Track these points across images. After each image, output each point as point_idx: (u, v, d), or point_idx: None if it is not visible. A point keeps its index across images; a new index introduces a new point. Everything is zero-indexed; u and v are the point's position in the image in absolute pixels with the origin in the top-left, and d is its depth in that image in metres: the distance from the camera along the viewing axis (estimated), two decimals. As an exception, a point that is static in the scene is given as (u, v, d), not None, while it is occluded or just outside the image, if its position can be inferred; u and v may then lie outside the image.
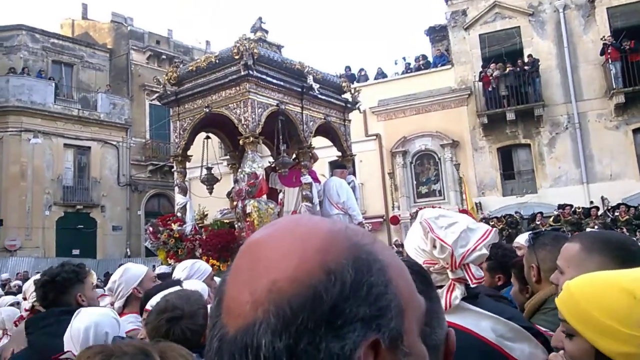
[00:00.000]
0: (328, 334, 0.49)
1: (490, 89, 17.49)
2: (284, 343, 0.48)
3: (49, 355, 2.06)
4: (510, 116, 17.16)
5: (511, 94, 17.23)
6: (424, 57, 20.38)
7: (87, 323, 2.07)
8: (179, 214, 8.28)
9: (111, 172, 24.26)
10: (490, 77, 17.46)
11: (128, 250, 23.55)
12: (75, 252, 21.81)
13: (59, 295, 2.65)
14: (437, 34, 21.33)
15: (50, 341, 2.25)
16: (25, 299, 3.76)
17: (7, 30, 23.25)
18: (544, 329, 1.64)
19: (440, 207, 16.88)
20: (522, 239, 3.65)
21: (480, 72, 17.82)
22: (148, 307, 2.37)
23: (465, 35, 18.72)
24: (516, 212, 16.01)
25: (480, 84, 17.74)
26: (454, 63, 18.83)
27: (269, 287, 0.51)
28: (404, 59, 21.03)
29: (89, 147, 23.64)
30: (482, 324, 1.47)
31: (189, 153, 8.54)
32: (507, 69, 17.34)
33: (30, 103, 21.66)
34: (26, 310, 3.53)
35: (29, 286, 3.58)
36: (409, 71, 20.05)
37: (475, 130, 18.06)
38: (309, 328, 0.49)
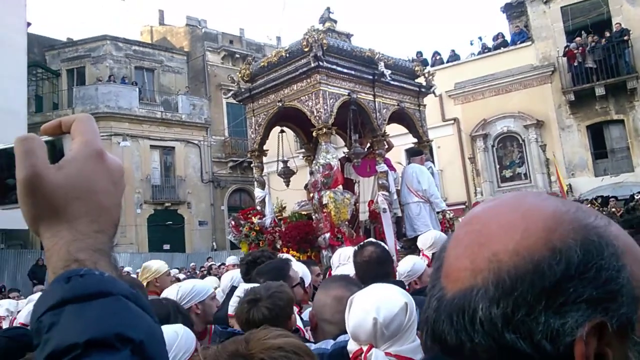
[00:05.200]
0: (548, 309, 0.50)
1: (575, 63, 16.39)
2: (500, 310, 0.51)
3: None
4: (600, 91, 15.99)
5: (600, 68, 16.05)
6: (502, 35, 19.46)
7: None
8: (258, 208, 8.44)
9: (194, 170, 25.29)
10: (576, 52, 16.35)
11: (214, 244, 24.49)
12: (166, 247, 22.99)
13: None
14: (515, 10, 20.26)
15: None
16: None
17: (94, 42, 24.81)
18: None
19: (526, 191, 16.10)
20: None
21: (565, 47, 16.72)
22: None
23: (545, 9, 17.64)
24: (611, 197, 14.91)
25: (565, 59, 16.67)
26: (535, 39, 17.80)
27: (489, 257, 0.54)
28: (479, 38, 20.27)
29: (173, 147, 24.76)
30: None
31: (265, 148, 8.68)
32: (594, 41, 16.14)
33: (117, 108, 23.00)
34: None
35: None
36: (485, 51, 19.22)
37: (562, 109, 17.01)
38: (528, 300, 0.51)
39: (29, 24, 19.69)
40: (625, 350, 0.52)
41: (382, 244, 3.55)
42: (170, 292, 3.00)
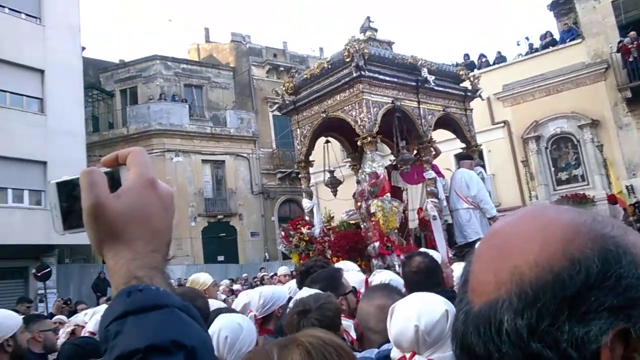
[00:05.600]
0: (572, 318, 0.52)
1: (631, 59, 15.69)
2: (525, 321, 0.53)
3: None
4: (659, 86, 15.23)
5: (658, 62, 15.29)
6: (550, 33, 18.89)
7: (214, 328, 2.21)
8: (307, 218, 8.50)
9: (244, 183, 25.75)
10: (630, 46, 15.65)
11: (266, 254, 24.79)
12: (220, 258, 23.47)
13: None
14: (562, 7, 19.66)
15: None
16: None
17: (144, 62, 25.77)
18: None
19: (584, 194, 15.47)
20: None
21: (618, 42, 16.05)
22: None
23: (595, 4, 17.00)
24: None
25: (619, 55, 15.98)
26: (585, 36, 17.18)
27: (511, 270, 0.56)
28: (526, 39, 19.72)
29: (223, 161, 25.32)
30: None
31: (311, 158, 8.75)
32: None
33: (169, 125, 23.76)
34: None
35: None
36: (533, 51, 18.70)
37: (618, 107, 16.29)
38: (551, 310, 0.52)
39: (83, 48, 20.65)
40: None
41: (431, 253, 3.51)
42: (253, 297, 3.08)
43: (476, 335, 0.57)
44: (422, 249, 5.06)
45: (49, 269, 15.67)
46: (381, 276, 3.81)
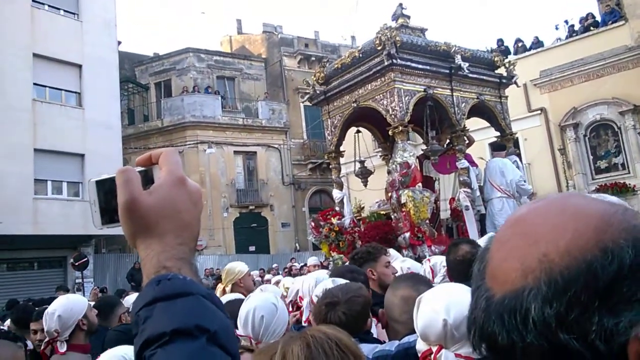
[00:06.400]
0: (602, 309, 0.50)
1: (677, 40, 14.99)
2: (554, 310, 0.51)
3: None
4: None
5: None
6: (592, 15, 18.19)
7: (249, 307, 2.19)
8: (337, 208, 8.46)
9: (276, 173, 25.87)
10: (677, 27, 14.96)
11: (297, 245, 24.92)
12: (252, 248, 23.71)
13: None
14: (604, -12, 18.89)
15: None
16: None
17: (178, 55, 26.08)
18: None
19: (624, 183, 14.97)
20: None
21: (663, 23, 15.36)
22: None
23: (639, -17, 16.29)
24: None
25: (664, 36, 15.29)
26: (628, 17, 16.47)
27: (540, 257, 0.54)
28: (566, 22, 19.06)
29: (255, 152, 25.48)
30: None
31: (342, 148, 8.69)
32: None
33: (202, 117, 24.02)
34: None
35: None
36: (573, 35, 18.06)
37: (662, 91, 15.62)
38: (582, 300, 0.51)
39: (119, 43, 21.05)
40: None
41: (478, 243, 3.46)
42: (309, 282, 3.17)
43: (499, 324, 0.55)
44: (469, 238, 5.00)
45: (86, 259, 16.14)
46: (399, 263, 3.86)
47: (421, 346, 1.65)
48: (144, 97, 25.94)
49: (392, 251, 4.40)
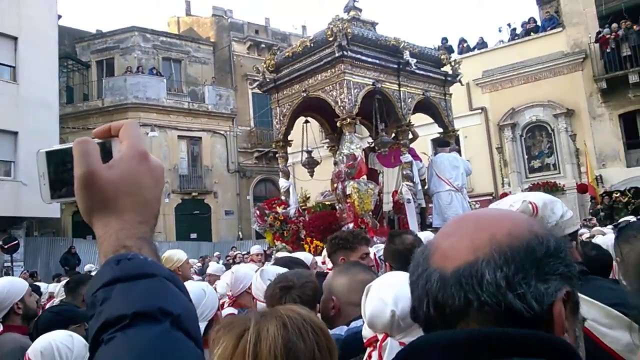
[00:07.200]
0: (537, 276, 0.66)
1: (608, 50, 15.92)
2: (503, 274, 0.66)
3: None
4: (634, 78, 15.49)
5: (634, 55, 15.54)
6: (533, 20, 18.97)
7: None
8: (282, 197, 8.49)
9: (221, 160, 25.51)
10: (609, 37, 15.86)
11: (240, 233, 24.73)
12: (193, 235, 23.32)
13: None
14: (545, -5, 19.75)
15: None
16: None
17: (122, 33, 25.12)
18: None
19: (555, 182, 15.79)
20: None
21: (597, 33, 16.25)
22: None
23: (577, -7, 17.14)
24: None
25: (597, 45, 16.20)
26: (566, 25, 17.35)
27: (489, 237, 0.69)
28: (509, 25, 19.79)
29: (200, 138, 25.00)
30: None
31: (289, 138, 8.71)
32: (628, 27, 15.62)
33: (145, 99, 23.27)
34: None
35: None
36: (515, 38, 18.80)
37: (593, 97, 16.57)
38: (525, 267, 0.66)
39: (59, 17, 20.02)
40: (573, 325, 0.70)
41: (419, 236, 3.53)
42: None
43: (457, 288, 0.67)
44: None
45: (16, 242, 15.41)
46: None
47: (367, 332, 1.69)
48: (84, 75, 24.86)
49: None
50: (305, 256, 4.13)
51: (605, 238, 4.01)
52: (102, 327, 0.63)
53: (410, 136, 8.30)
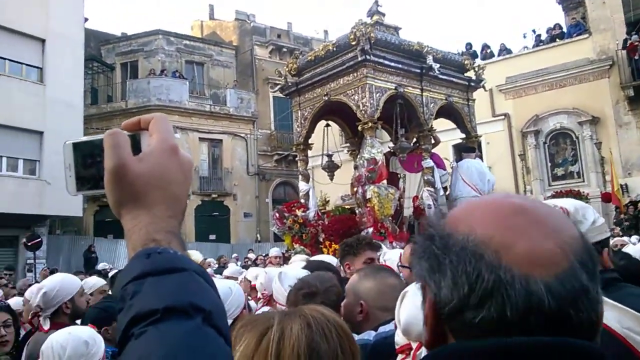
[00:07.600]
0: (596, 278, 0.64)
1: (636, 57, 15.60)
2: (594, 283, 0.63)
3: None
4: (662, 86, 15.17)
5: (663, 62, 15.22)
6: (559, 26, 18.71)
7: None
8: (302, 201, 8.48)
9: (241, 163, 25.66)
10: (637, 44, 15.56)
11: (258, 235, 24.81)
12: (212, 237, 23.46)
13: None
14: (571, 1, 19.49)
15: None
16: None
17: (147, 36, 25.48)
18: None
19: (579, 190, 15.52)
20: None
21: (625, 40, 15.94)
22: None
23: (604, -1, 16.86)
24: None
25: (624, 52, 15.89)
26: (592, 31, 17.06)
27: (568, 238, 0.64)
28: (533, 31, 19.57)
29: (221, 140, 25.19)
30: (606, 313, 1.30)
31: (310, 142, 8.71)
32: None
33: (168, 101, 23.55)
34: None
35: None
36: (540, 44, 18.56)
37: (619, 105, 16.25)
38: (595, 273, 0.64)
39: (86, 19, 20.36)
40: None
41: None
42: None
43: (573, 306, 0.61)
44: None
45: (39, 239, 15.65)
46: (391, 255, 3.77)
47: (400, 339, 1.64)
48: (108, 77, 25.25)
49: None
50: (331, 259, 4.09)
51: (636, 247, 3.93)
52: (132, 320, 0.62)
53: (433, 141, 8.23)
